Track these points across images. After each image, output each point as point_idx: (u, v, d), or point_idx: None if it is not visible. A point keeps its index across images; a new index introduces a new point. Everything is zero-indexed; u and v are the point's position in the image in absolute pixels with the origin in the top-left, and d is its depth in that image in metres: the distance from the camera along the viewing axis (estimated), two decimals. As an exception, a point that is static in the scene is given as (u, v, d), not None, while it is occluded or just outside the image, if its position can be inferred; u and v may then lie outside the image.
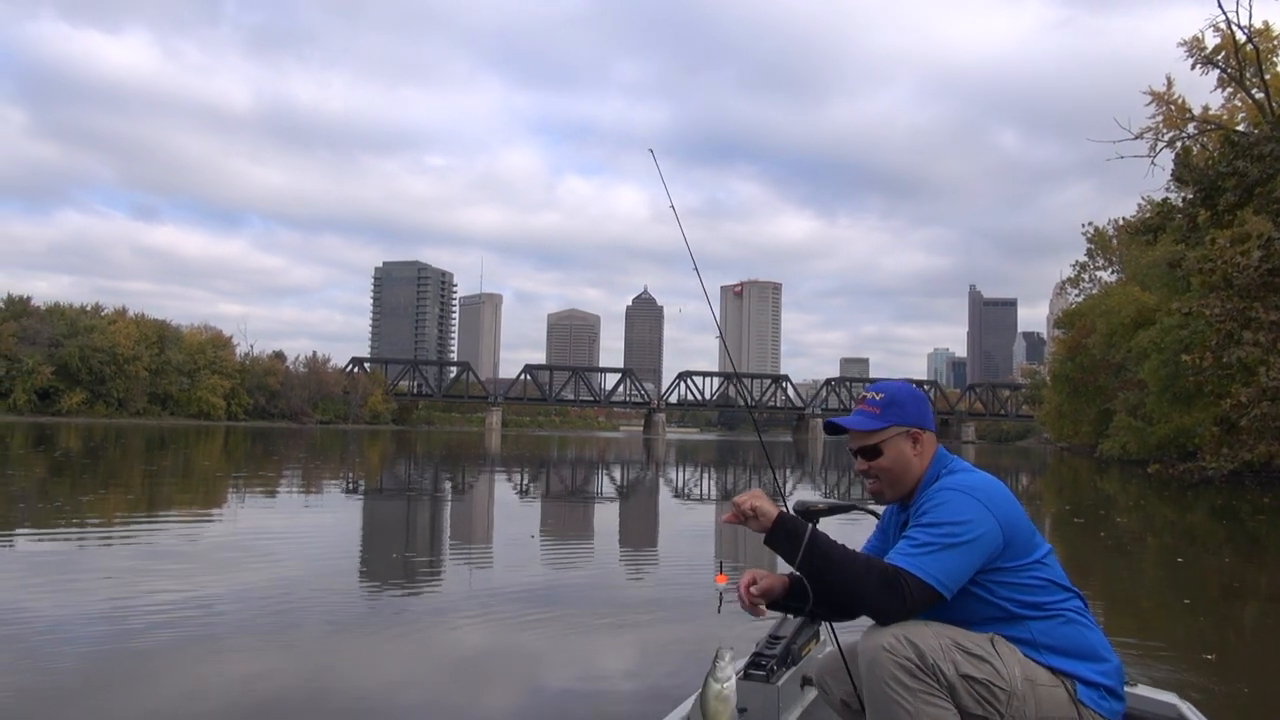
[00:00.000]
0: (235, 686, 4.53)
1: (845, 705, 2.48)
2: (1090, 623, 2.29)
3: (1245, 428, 12.25)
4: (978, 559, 2.17)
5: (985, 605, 2.22)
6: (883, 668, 2.06)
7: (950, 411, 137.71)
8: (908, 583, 2.10)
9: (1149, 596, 8.81)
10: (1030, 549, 2.26)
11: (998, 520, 2.19)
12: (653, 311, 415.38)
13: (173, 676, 4.71)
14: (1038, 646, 2.20)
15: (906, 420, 2.39)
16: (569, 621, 6.14)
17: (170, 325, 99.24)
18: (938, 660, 2.07)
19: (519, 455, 40.70)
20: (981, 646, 2.14)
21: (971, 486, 2.24)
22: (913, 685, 2.04)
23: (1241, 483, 23.61)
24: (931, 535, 2.15)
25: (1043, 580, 2.25)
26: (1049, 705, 2.15)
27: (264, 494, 17.03)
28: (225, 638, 5.48)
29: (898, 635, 2.09)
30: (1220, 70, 26.43)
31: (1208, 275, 12.73)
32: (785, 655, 3.28)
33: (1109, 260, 56.02)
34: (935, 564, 2.12)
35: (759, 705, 3.12)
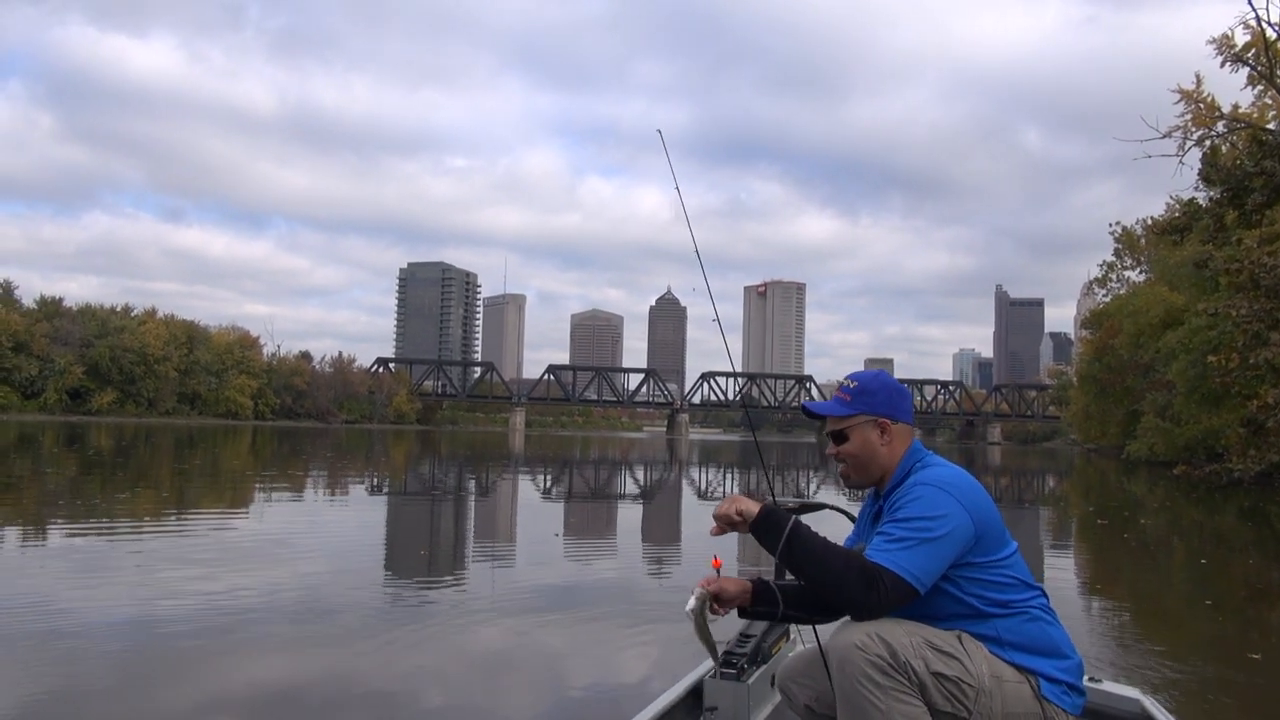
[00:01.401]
0: (261, 682, 4.63)
1: (810, 710, 2.50)
2: (1053, 619, 2.32)
3: (1272, 429, 12.14)
4: (952, 553, 2.20)
5: (954, 602, 2.25)
6: (855, 665, 2.09)
7: (976, 412, 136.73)
8: (884, 579, 2.12)
9: (1169, 598, 8.77)
10: (1000, 545, 2.29)
11: (971, 515, 2.22)
12: (675, 312, 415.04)
13: (200, 672, 4.80)
14: (1003, 644, 2.24)
15: (874, 409, 2.44)
16: (591, 620, 6.22)
17: (198, 326, 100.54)
18: (909, 658, 2.10)
19: (542, 455, 40.90)
20: (950, 644, 2.17)
21: (945, 481, 2.27)
22: (884, 683, 2.07)
23: (1271, 484, 23.36)
24: (906, 530, 2.18)
25: (1010, 578, 2.28)
26: (1014, 701, 2.18)
27: (291, 493, 17.26)
28: (252, 634, 5.59)
29: (870, 633, 2.12)
30: (1250, 68, 26.16)
31: (1235, 276, 12.63)
32: (756, 653, 3.30)
33: (1137, 260, 55.44)
34: (910, 559, 2.15)
35: (729, 703, 3.14)
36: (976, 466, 45.63)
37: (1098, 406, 54.86)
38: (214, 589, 6.87)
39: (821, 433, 2.55)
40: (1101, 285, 58.76)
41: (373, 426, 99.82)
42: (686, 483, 25.65)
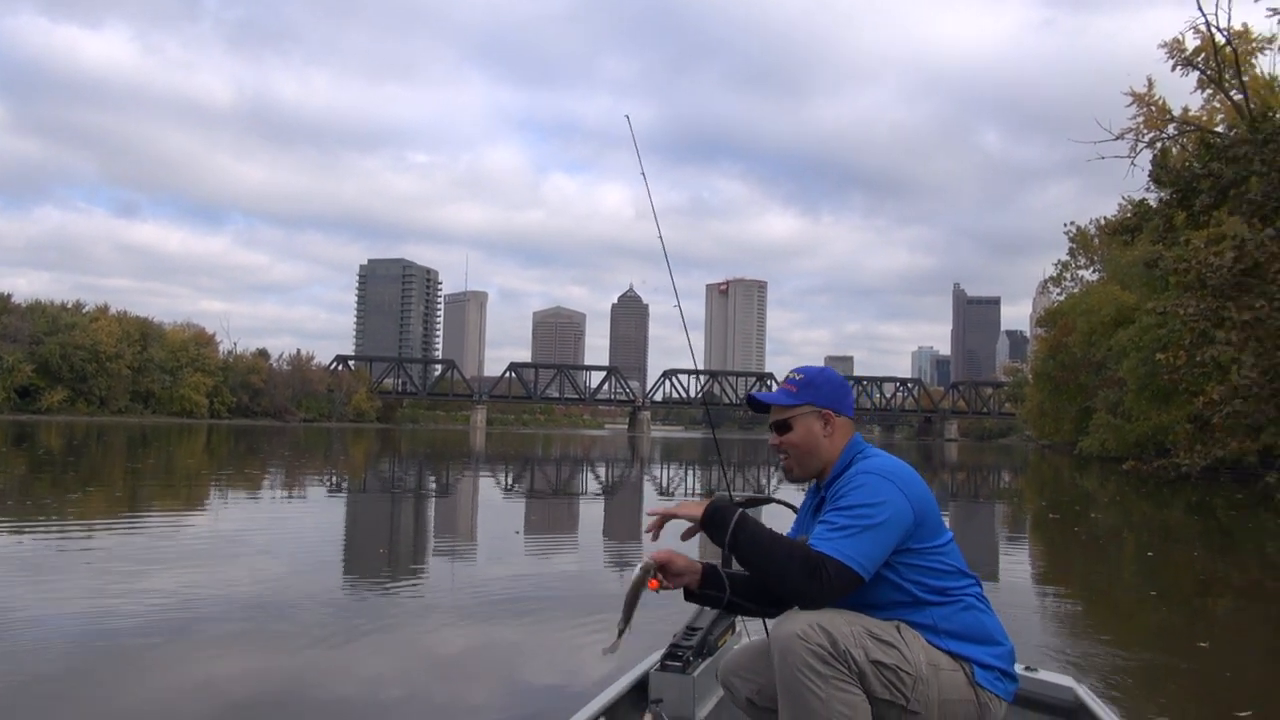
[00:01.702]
0: (216, 683, 4.55)
1: (751, 703, 2.54)
2: (986, 608, 2.39)
3: (1218, 425, 12.46)
4: (893, 539, 2.25)
5: (893, 589, 2.30)
6: (796, 655, 2.12)
7: (934, 410, 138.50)
8: (828, 566, 2.16)
9: (1117, 589, 8.98)
10: (938, 533, 2.35)
11: (910, 502, 2.28)
12: (638, 309, 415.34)
13: (153, 674, 4.73)
14: (939, 632, 2.29)
15: (819, 401, 2.49)
16: (552, 618, 6.22)
17: (152, 323, 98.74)
18: (849, 647, 2.14)
19: (504, 453, 40.75)
20: (890, 633, 2.22)
21: (885, 469, 2.33)
22: (825, 672, 2.11)
23: (1217, 479, 23.94)
24: (849, 518, 2.23)
25: (947, 565, 2.34)
26: (949, 688, 2.24)
27: (247, 492, 17.04)
28: (207, 635, 5.51)
29: (811, 623, 2.15)
30: (1200, 72, 26.77)
31: (1183, 275, 12.93)
32: (702, 646, 3.32)
33: (1090, 259, 56.54)
34: (853, 547, 2.19)
35: (675, 696, 3.16)
36: (934, 462, 46.23)
37: (1052, 403, 55.84)
38: (167, 589, 6.77)
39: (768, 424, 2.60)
40: (1056, 284, 59.84)
41: (331, 425, 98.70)
42: (648, 480, 25.71)
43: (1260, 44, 26.57)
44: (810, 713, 2.11)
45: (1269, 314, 11.17)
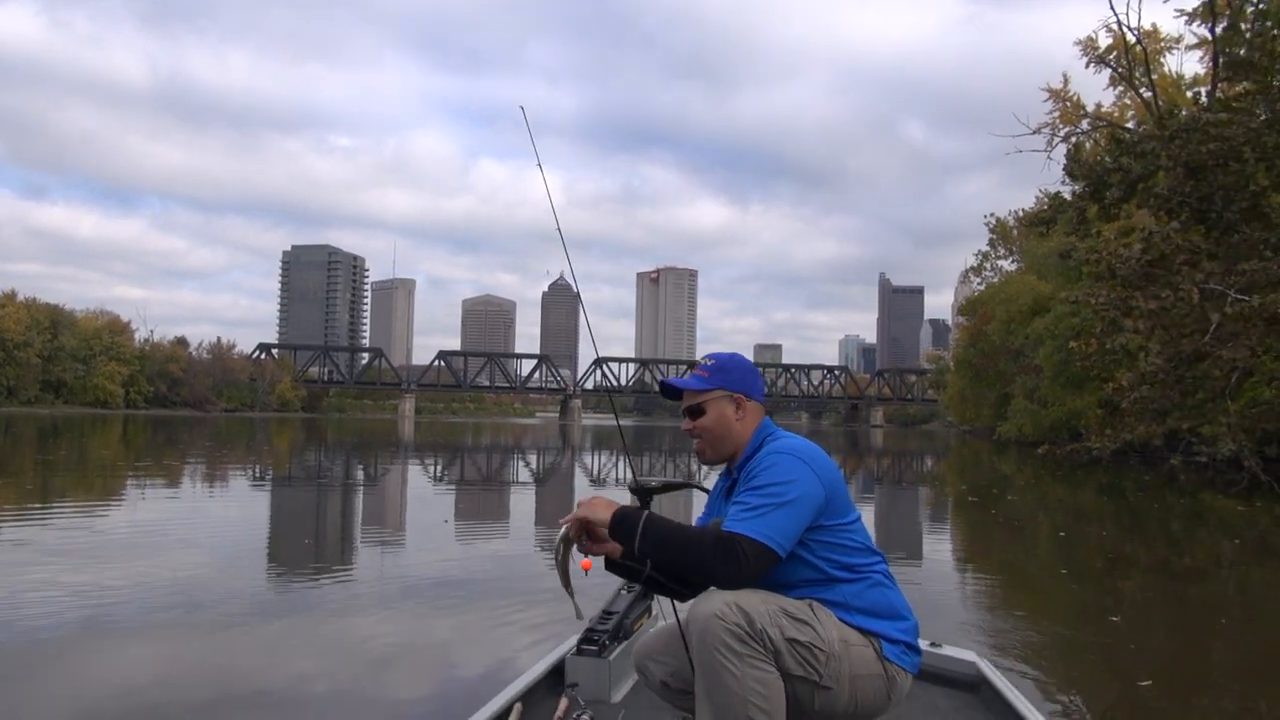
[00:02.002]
0: (133, 682, 4.41)
1: (665, 686, 2.58)
2: (893, 584, 2.47)
3: (1126, 410, 12.97)
4: (806, 516, 2.30)
5: (806, 567, 2.36)
6: (714, 635, 2.16)
7: (860, 396, 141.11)
8: (744, 547, 2.20)
9: (1031, 568, 9.32)
10: (847, 511, 2.42)
11: (821, 479, 2.34)
12: (569, 297, 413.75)
13: (64, 673, 4.57)
14: (849, 609, 2.36)
15: (731, 385, 2.54)
16: (481, 607, 6.17)
17: (64, 310, 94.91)
18: (765, 625, 2.18)
19: (433, 442, 40.32)
20: (804, 612, 2.28)
21: (795, 449, 2.39)
22: (741, 650, 2.15)
23: (1127, 461, 24.94)
24: (762, 497, 2.27)
25: (856, 543, 2.41)
26: (860, 663, 2.31)
27: (167, 484, 16.57)
28: (122, 632, 5.34)
29: (728, 602, 2.19)
30: (1112, 69, 27.75)
31: (1094, 266, 13.41)
32: (618, 630, 3.37)
33: (1009, 250, 58.12)
34: (768, 525, 2.23)
35: (591, 680, 3.21)
36: (860, 448, 47.16)
37: (972, 390, 57.40)
38: (80, 582, 6.58)
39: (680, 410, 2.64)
40: (977, 274, 61.41)
41: (255, 415, 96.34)
42: (579, 468, 25.72)
43: (1168, 44, 27.70)
44: (726, 691, 2.15)
45: (1174, 303, 11.66)
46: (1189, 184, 12.68)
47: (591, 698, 3.16)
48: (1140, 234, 13.35)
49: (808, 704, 2.29)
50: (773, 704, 2.17)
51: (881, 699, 2.36)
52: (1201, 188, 12.65)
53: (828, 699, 2.29)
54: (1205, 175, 12.52)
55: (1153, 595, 7.94)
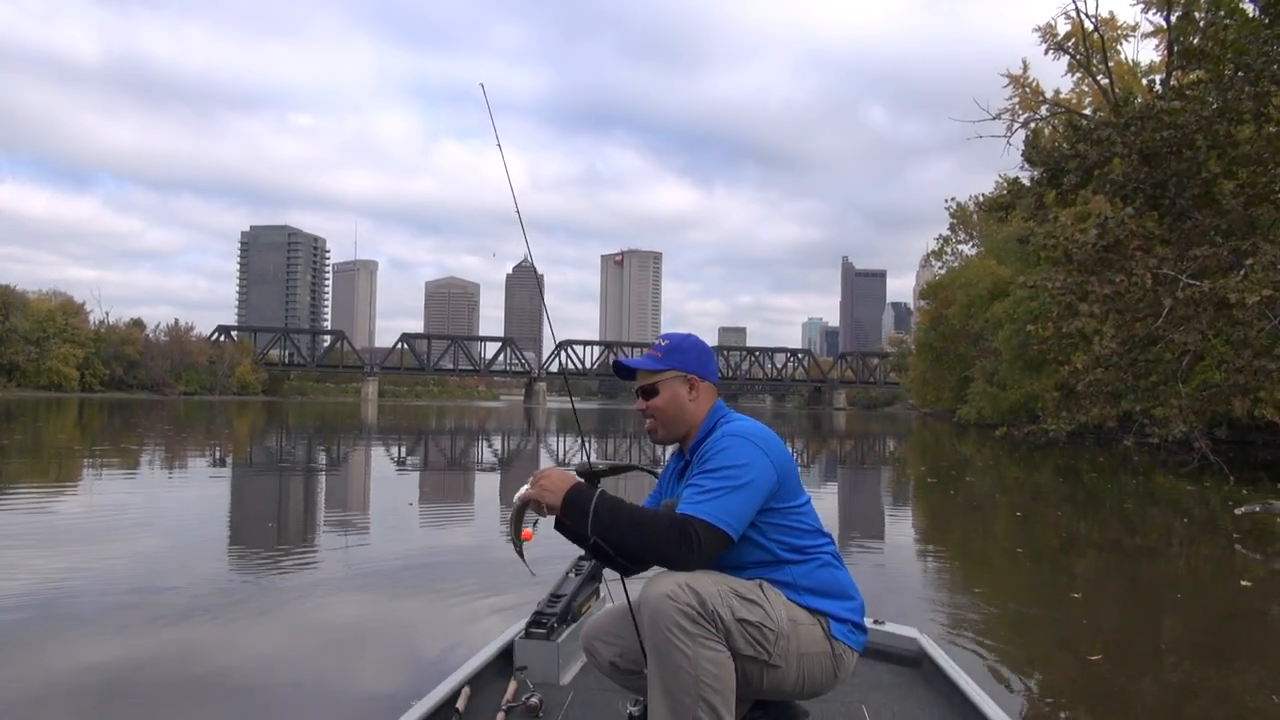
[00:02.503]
0: (92, 670, 4.38)
1: (614, 667, 2.61)
2: (840, 564, 2.51)
3: (1081, 392, 13.20)
4: (758, 499, 2.33)
5: (756, 548, 2.39)
6: (665, 615, 2.18)
7: (823, 379, 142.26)
8: (697, 529, 2.22)
9: (989, 548, 9.51)
10: (797, 493, 2.46)
11: (773, 463, 2.37)
12: (533, 280, 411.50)
13: (22, 661, 4.51)
14: (798, 589, 2.40)
15: (685, 366, 2.56)
16: (446, 590, 6.18)
17: (14, 291, 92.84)
18: (716, 606, 2.21)
19: (396, 425, 40.07)
20: (754, 592, 2.32)
21: (749, 432, 2.42)
22: (692, 630, 2.18)
23: (1083, 443, 25.46)
24: (715, 480, 2.30)
25: (806, 525, 2.46)
26: (808, 642, 2.36)
27: (124, 468, 16.34)
28: (81, 619, 5.27)
29: (680, 583, 2.21)
30: (1070, 56, 28.07)
31: (1051, 251, 13.61)
32: (566, 613, 3.39)
33: (970, 234, 58.83)
34: (721, 507, 2.26)
35: (540, 662, 3.24)
36: (824, 430, 47.60)
37: (933, 373, 58.09)
38: (36, 567, 6.51)
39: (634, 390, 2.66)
40: (938, 258, 62.06)
41: (214, 398, 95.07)
42: (544, 451, 25.72)
43: (1125, 31, 28.08)
44: (677, 670, 2.18)
45: (1127, 288, 11.87)
46: (1143, 171, 12.88)
47: (540, 680, 3.18)
48: (1096, 220, 13.56)
49: (756, 682, 2.33)
50: (723, 683, 2.20)
51: (829, 676, 2.41)
52: (1155, 174, 12.86)
53: (776, 677, 2.34)
54: (1159, 162, 12.73)
55: (1105, 573, 8.15)
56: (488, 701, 3.03)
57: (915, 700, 3.16)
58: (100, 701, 3.98)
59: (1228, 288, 10.96)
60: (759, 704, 2.55)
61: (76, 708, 3.90)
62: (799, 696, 2.48)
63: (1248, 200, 12.25)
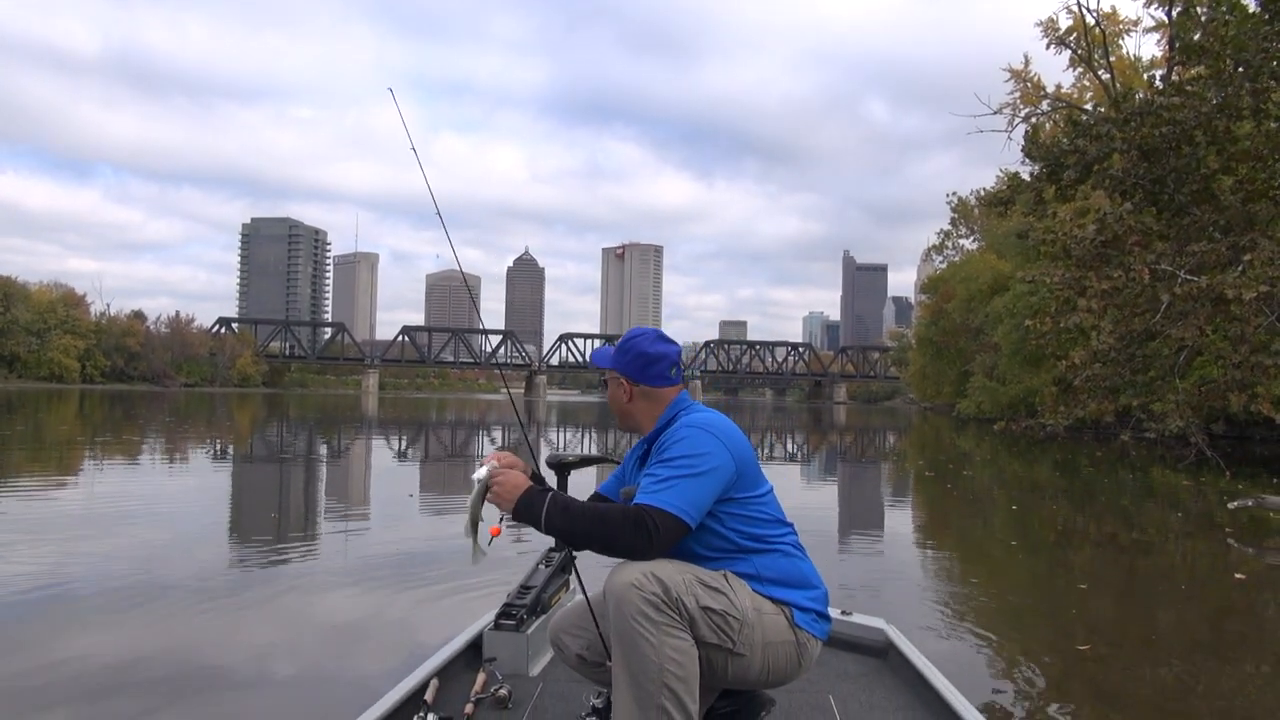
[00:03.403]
0: (90, 661, 4.39)
1: (581, 659, 2.63)
2: (803, 555, 2.54)
3: (1079, 387, 13.26)
4: (716, 488, 2.35)
5: (717, 538, 2.41)
6: (630, 604, 2.20)
7: (823, 373, 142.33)
8: (654, 518, 2.23)
9: (984, 540, 9.57)
10: (757, 484, 2.48)
11: (731, 453, 2.39)
12: (534, 273, 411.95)
13: (22, 652, 4.54)
14: (761, 579, 2.42)
15: (621, 369, 2.62)
16: (446, 582, 6.21)
17: (15, 282, 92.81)
18: (681, 594, 2.23)
19: (396, 418, 40.14)
20: (718, 581, 2.33)
21: (707, 423, 2.43)
22: (657, 618, 2.19)
23: (1082, 437, 25.52)
24: (672, 469, 2.31)
25: (767, 514, 2.48)
26: (772, 631, 2.39)
27: (125, 459, 16.41)
28: (80, 610, 5.31)
29: (645, 572, 2.23)
30: (1072, 51, 28.07)
31: (1050, 246, 13.65)
32: (535, 605, 3.41)
33: (971, 229, 58.79)
34: (677, 496, 2.27)
35: (508, 654, 3.25)
36: (824, 424, 47.68)
37: (933, 367, 58.09)
38: (35, 562, 6.55)
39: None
40: (939, 252, 62.06)
41: (214, 390, 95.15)
42: (544, 444, 25.79)
43: (1127, 26, 28.09)
44: (643, 659, 2.20)
45: (1125, 283, 11.92)
46: (1143, 166, 12.91)
47: (509, 671, 3.19)
48: (1095, 215, 13.60)
49: (721, 671, 2.35)
50: (687, 671, 2.22)
51: (793, 665, 2.44)
52: (1154, 170, 12.89)
53: (741, 666, 2.36)
54: (1158, 158, 12.76)
55: (1098, 566, 8.20)
56: (456, 693, 3.03)
57: (882, 690, 3.19)
58: (99, 691, 4.04)
59: (1225, 283, 11.00)
60: (726, 694, 2.57)
61: (78, 693, 3.95)
62: (764, 685, 2.50)
63: (1246, 196, 12.28)
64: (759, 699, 2.62)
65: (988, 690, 4.17)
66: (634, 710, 2.21)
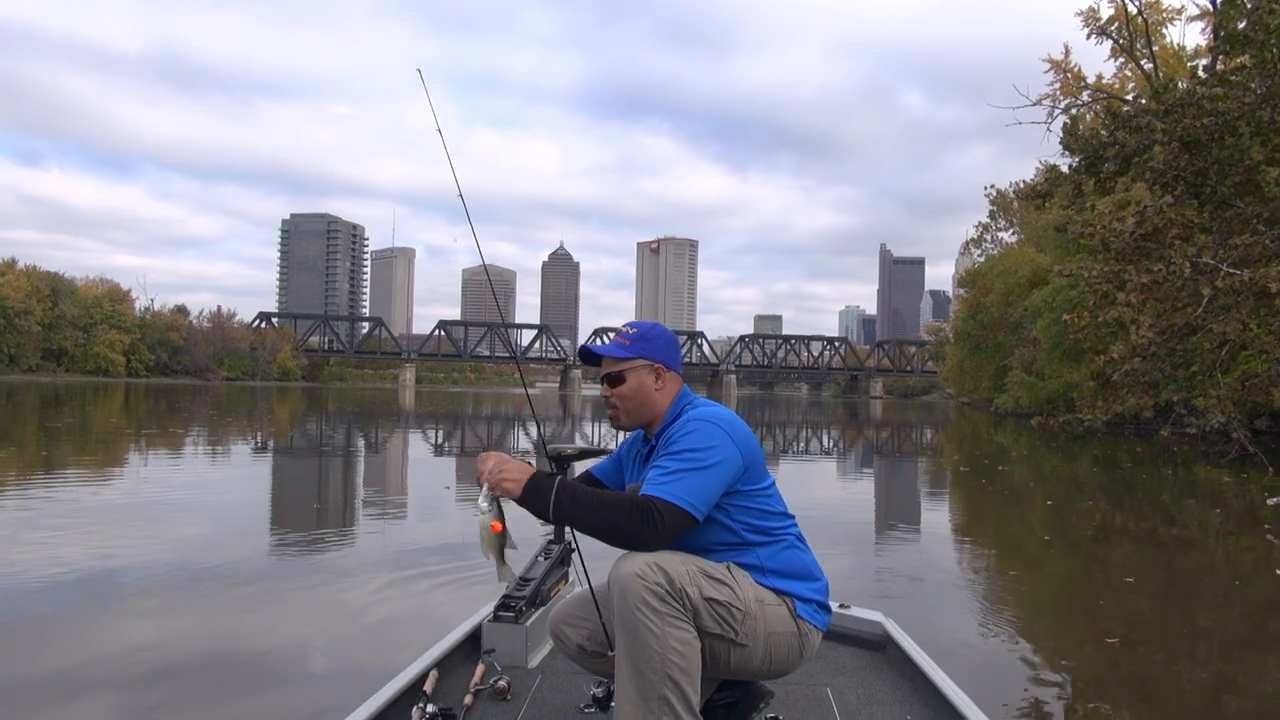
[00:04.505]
0: (135, 649, 4.47)
1: (581, 650, 2.65)
2: (805, 546, 2.56)
3: (1118, 382, 13.13)
4: (723, 482, 2.37)
5: (723, 530, 2.44)
6: (634, 593, 2.21)
7: (860, 368, 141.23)
8: (659, 509, 2.25)
9: (1020, 536, 9.52)
10: (762, 476, 2.50)
11: (739, 447, 2.41)
12: (568, 267, 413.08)
13: (70, 640, 4.65)
14: (764, 571, 2.45)
15: (652, 355, 2.58)
16: (481, 575, 6.24)
17: (63, 278, 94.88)
18: (685, 585, 2.25)
19: (434, 411, 40.54)
20: (722, 573, 2.36)
21: (715, 417, 2.45)
22: (661, 609, 2.21)
23: (1122, 433, 25.17)
24: (680, 462, 2.33)
25: (771, 507, 2.50)
26: (774, 621, 2.41)
27: (170, 451, 16.78)
28: (126, 599, 5.44)
29: (649, 562, 2.25)
30: (1113, 41, 27.61)
31: (1088, 239, 13.52)
32: (534, 596, 3.42)
33: (1009, 222, 58.10)
34: (684, 488, 2.29)
35: (507, 646, 3.27)
36: (860, 419, 47.40)
37: (971, 362, 57.41)
38: (84, 552, 6.72)
39: (599, 377, 2.65)
40: (977, 245, 61.47)
41: (255, 383, 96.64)
42: (579, 437, 25.93)
43: (1170, 14, 27.53)
44: (646, 648, 2.21)
45: (1165, 277, 11.78)
46: (1184, 158, 12.74)
47: (508, 663, 3.21)
48: (1134, 208, 13.43)
49: (724, 661, 2.38)
50: (690, 662, 2.24)
51: (794, 655, 2.47)
52: (1196, 162, 12.70)
53: (743, 656, 2.39)
54: (1200, 149, 12.57)
55: (1135, 562, 8.13)
56: (455, 684, 3.04)
57: (879, 683, 3.21)
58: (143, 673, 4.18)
59: (1270, 276, 10.84)
60: (725, 684, 2.60)
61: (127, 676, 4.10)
62: (765, 676, 2.52)
63: (1291, 188, 12.08)
64: (758, 690, 2.65)
65: (979, 683, 4.16)
66: (636, 700, 2.23)
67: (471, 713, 2.85)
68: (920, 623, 4.60)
